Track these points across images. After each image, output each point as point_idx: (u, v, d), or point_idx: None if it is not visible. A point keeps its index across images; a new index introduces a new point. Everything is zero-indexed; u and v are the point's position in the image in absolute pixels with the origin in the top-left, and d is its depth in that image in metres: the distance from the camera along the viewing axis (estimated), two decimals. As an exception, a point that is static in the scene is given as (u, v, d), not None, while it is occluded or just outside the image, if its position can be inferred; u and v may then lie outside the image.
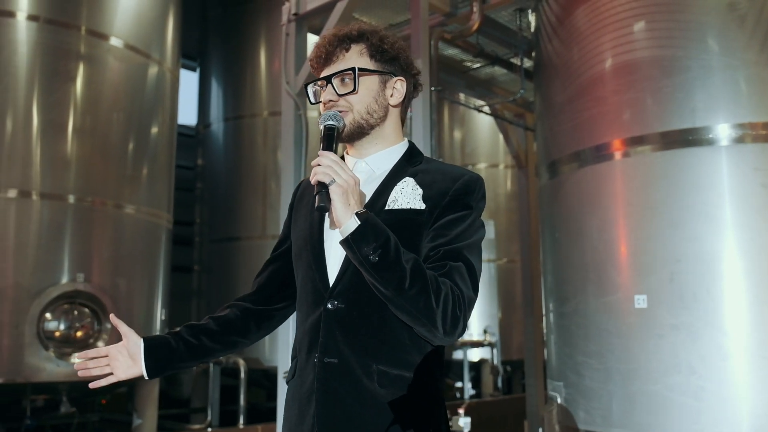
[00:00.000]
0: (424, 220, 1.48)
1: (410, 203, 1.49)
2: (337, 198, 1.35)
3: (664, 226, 3.28)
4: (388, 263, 1.34)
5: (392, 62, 1.59)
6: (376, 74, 1.56)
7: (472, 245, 1.47)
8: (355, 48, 1.56)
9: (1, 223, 4.81)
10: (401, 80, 1.60)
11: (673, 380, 3.15)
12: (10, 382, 4.69)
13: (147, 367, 1.58)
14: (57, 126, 5.12)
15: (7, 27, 5.03)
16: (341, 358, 1.44)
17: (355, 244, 1.35)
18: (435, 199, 1.49)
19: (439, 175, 1.54)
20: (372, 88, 1.56)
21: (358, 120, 1.54)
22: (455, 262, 1.42)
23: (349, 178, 1.37)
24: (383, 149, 1.60)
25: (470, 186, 1.52)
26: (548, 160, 4.03)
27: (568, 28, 3.84)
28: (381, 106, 1.57)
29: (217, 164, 7.94)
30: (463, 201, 1.50)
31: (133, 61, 5.67)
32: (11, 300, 4.74)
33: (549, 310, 4.02)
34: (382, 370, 1.43)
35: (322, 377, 1.45)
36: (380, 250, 1.33)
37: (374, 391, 1.42)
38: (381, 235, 1.35)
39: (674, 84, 3.33)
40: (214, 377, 6.21)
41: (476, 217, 1.51)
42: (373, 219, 1.37)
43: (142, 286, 5.61)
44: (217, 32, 8.25)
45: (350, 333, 1.45)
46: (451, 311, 1.36)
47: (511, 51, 5.02)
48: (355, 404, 1.42)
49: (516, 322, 8.21)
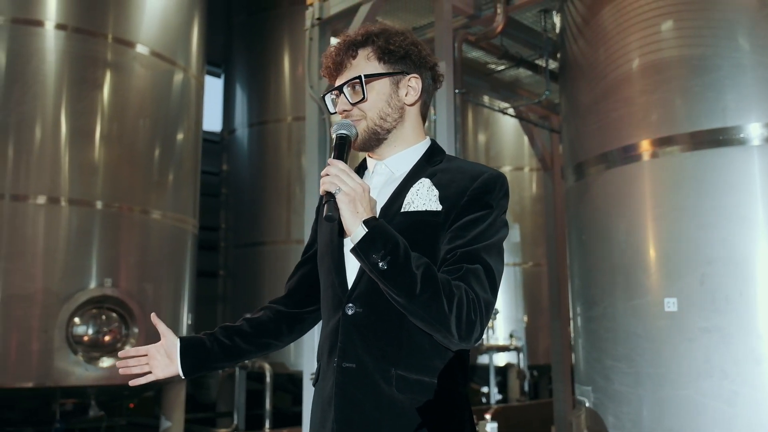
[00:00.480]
0: (441, 221, 1.45)
1: (426, 205, 1.46)
2: (344, 207, 1.35)
3: (694, 228, 3.21)
4: (397, 270, 1.32)
5: (402, 60, 1.55)
6: (385, 77, 1.53)
7: (492, 246, 1.43)
8: (362, 53, 1.54)
9: (30, 229, 4.90)
10: (415, 77, 1.56)
11: (705, 384, 3.09)
12: (40, 386, 4.77)
13: (183, 366, 1.62)
14: (85, 133, 5.20)
15: (36, 36, 5.13)
16: (359, 363, 1.44)
17: (363, 252, 1.34)
18: (452, 199, 1.46)
19: (459, 174, 1.51)
20: (383, 92, 1.53)
21: (372, 127, 1.52)
22: (472, 265, 1.38)
23: (357, 186, 1.36)
24: (403, 150, 1.58)
25: (490, 184, 1.47)
26: (574, 161, 3.98)
27: (594, 28, 3.80)
28: (395, 108, 1.54)
29: (242, 170, 8.00)
30: (483, 200, 1.46)
31: (158, 68, 5.74)
32: (41, 305, 4.82)
33: (576, 313, 3.97)
34: (401, 375, 1.41)
35: (341, 382, 1.45)
36: (389, 257, 1.32)
37: (392, 396, 1.40)
38: (389, 241, 1.34)
39: (704, 83, 3.27)
40: (240, 381, 6.24)
41: (497, 216, 1.46)
42: (381, 226, 1.35)
43: (169, 291, 5.66)
44: (242, 38, 8.33)
45: (368, 337, 1.44)
46: (466, 316, 1.33)
47: (535, 52, 4.98)
48: (373, 410, 1.41)
49: (542, 327, 8.13)
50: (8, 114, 4.97)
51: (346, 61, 1.54)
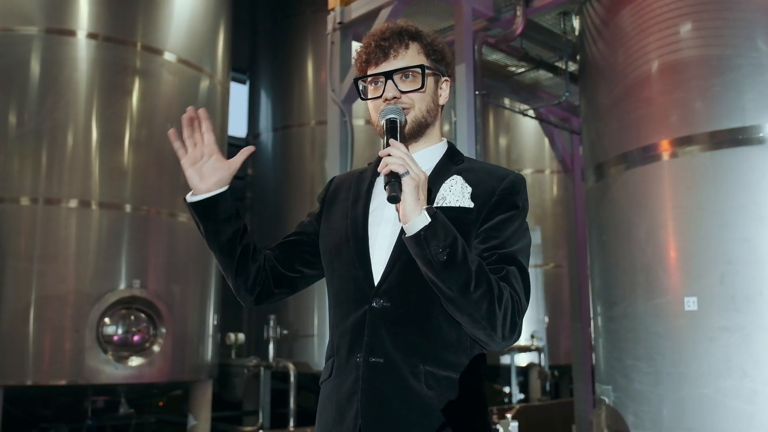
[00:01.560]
0: (473, 219, 1.44)
1: (459, 201, 1.46)
2: (409, 191, 1.30)
3: (714, 227, 3.22)
4: (456, 263, 1.30)
5: (442, 62, 1.58)
6: (437, 74, 1.56)
7: (523, 249, 1.44)
8: (413, 46, 1.53)
9: (63, 232, 5.05)
10: (447, 81, 1.60)
11: (725, 384, 3.09)
12: (72, 383, 4.90)
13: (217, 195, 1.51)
14: (114, 138, 5.34)
15: (68, 45, 5.28)
16: (387, 358, 1.41)
17: (426, 241, 1.30)
18: (483, 198, 1.46)
19: (484, 174, 1.52)
20: (431, 87, 1.54)
21: (420, 118, 1.52)
22: (510, 266, 1.39)
23: (421, 173, 1.33)
24: (425, 148, 1.57)
25: (517, 185, 1.49)
26: (595, 162, 4.00)
27: (613, 29, 3.82)
28: (436, 104, 1.56)
29: (266, 173, 8.12)
30: (511, 200, 1.46)
31: (185, 75, 5.87)
32: (72, 305, 4.96)
33: (597, 313, 3.99)
34: (429, 371, 1.39)
35: (367, 377, 1.41)
36: (449, 249, 1.29)
37: (421, 392, 1.39)
38: (450, 233, 1.31)
39: (723, 83, 3.28)
40: (265, 381, 6.32)
41: (524, 218, 1.48)
42: (442, 217, 1.33)
43: (195, 292, 5.77)
44: (266, 45, 8.46)
45: (397, 332, 1.42)
46: (511, 317, 1.34)
47: (555, 54, 5.01)
48: (401, 405, 1.39)
49: (563, 327, 8.12)
50: (42, 121, 5.13)
51: (398, 48, 1.52)
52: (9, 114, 5.13)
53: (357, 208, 1.57)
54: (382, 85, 1.52)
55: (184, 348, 5.51)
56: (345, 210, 1.60)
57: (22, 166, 5.05)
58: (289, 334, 6.93)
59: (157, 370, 5.24)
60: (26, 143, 5.09)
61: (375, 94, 1.53)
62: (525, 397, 8.15)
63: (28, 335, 4.83)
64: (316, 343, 6.95)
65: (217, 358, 6.07)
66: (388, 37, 1.52)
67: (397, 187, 1.30)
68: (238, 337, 6.79)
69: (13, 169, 5.05)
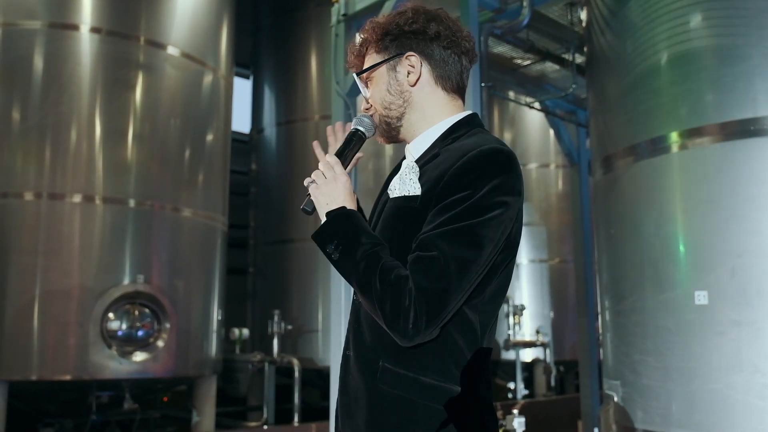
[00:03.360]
0: (418, 206, 1.36)
1: (404, 190, 1.41)
2: (315, 200, 1.42)
3: (724, 220, 3.18)
4: (344, 261, 1.35)
5: (396, 41, 1.47)
6: (377, 67, 1.49)
7: (460, 231, 1.28)
8: (370, 49, 1.54)
9: (67, 227, 5.03)
10: (412, 54, 1.46)
11: (736, 379, 3.05)
12: (77, 378, 4.89)
13: None
14: (118, 133, 5.32)
15: (71, 39, 5.26)
16: (355, 352, 1.45)
17: (317, 243, 1.40)
18: (431, 183, 1.36)
19: (455, 152, 1.37)
20: (381, 81, 1.49)
21: (382, 119, 1.52)
22: (424, 252, 1.28)
23: (332, 179, 1.41)
24: (423, 132, 1.50)
25: (473, 163, 1.31)
26: (602, 155, 3.96)
27: (622, 20, 3.77)
28: (397, 93, 1.48)
29: (270, 169, 8.10)
30: (461, 182, 1.31)
31: (189, 69, 5.85)
32: (77, 300, 4.95)
33: (605, 308, 3.95)
34: (387, 368, 1.36)
35: (342, 368, 1.48)
36: (341, 247, 1.35)
37: (376, 388, 1.37)
38: (341, 234, 1.36)
39: (734, 73, 3.23)
40: (270, 376, 6.32)
41: (482, 197, 1.29)
42: (339, 216, 1.38)
43: (199, 287, 5.76)
44: (270, 40, 8.43)
45: (364, 327, 1.44)
46: (398, 306, 1.25)
47: (562, 46, 4.96)
48: (360, 399, 1.40)
49: (568, 322, 8.09)
50: (46, 115, 5.11)
51: (359, 63, 1.57)
52: (13, 109, 5.12)
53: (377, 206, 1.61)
54: None
55: (189, 343, 5.50)
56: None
57: (25, 161, 5.04)
58: (294, 330, 6.92)
59: (162, 365, 5.23)
60: (30, 138, 5.08)
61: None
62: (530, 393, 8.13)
63: (32, 330, 4.82)
64: (320, 338, 6.93)
65: (221, 353, 6.05)
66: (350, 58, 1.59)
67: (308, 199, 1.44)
68: (242, 332, 6.78)
69: (17, 164, 5.04)
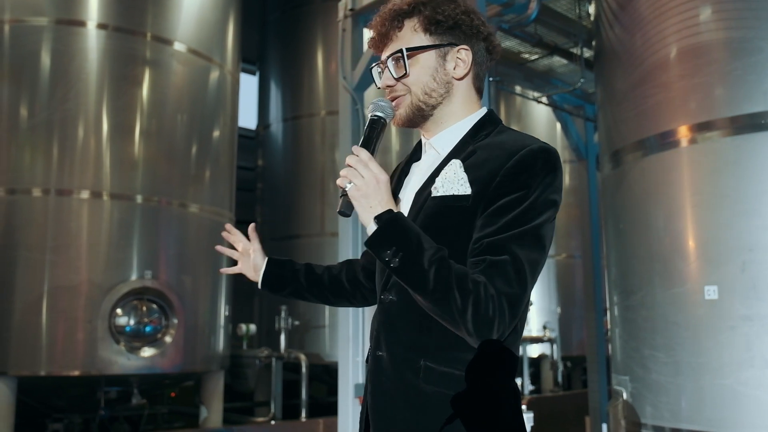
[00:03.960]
0: (470, 206, 1.34)
1: (453, 189, 1.36)
2: (356, 203, 1.31)
3: (735, 215, 3.16)
4: (408, 268, 1.27)
5: (451, 31, 1.44)
6: (429, 50, 1.43)
7: (525, 233, 1.29)
8: (408, 24, 1.44)
9: (75, 223, 5.05)
10: (465, 49, 1.45)
11: (747, 374, 3.03)
12: (86, 374, 4.91)
13: (264, 277, 1.75)
14: (125, 129, 5.33)
15: (78, 36, 5.27)
16: (390, 352, 1.40)
17: (373, 249, 1.30)
18: (483, 181, 1.34)
19: (497, 150, 1.37)
20: (428, 66, 1.43)
21: (417, 103, 1.44)
22: (497, 256, 1.27)
23: (372, 179, 1.29)
24: (450, 126, 1.47)
25: (527, 161, 1.32)
26: (611, 149, 3.94)
27: (630, 13, 3.75)
28: (441, 82, 1.44)
29: (277, 164, 8.10)
30: (518, 181, 1.31)
31: (195, 65, 5.85)
32: (85, 296, 4.97)
33: (614, 303, 3.93)
34: (429, 366, 1.35)
35: (374, 370, 1.44)
36: (401, 253, 1.26)
37: (419, 387, 1.35)
38: (399, 238, 1.27)
39: (744, 66, 3.21)
40: (277, 372, 6.33)
41: (538, 197, 1.31)
42: (394, 221, 1.28)
43: (207, 283, 5.77)
44: (276, 35, 8.42)
45: (399, 327, 1.41)
46: (483, 313, 1.23)
47: (570, 40, 4.93)
48: (399, 400, 1.37)
49: (575, 318, 8.07)
50: (53, 112, 5.12)
51: (391, 32, 1.45)
52: (20, 105, 5.13)
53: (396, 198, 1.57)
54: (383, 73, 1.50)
55: (196, 339, 5.51)
56: None
57: (33, 158, 5.05)
58: (301, 325, 6.93)
59: (169, 360, 5.24)
60: (37, 134, 5.09)
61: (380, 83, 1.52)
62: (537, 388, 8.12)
63: (41, 326, 4.84)
64: (327, 334, 6.94)
65: (228, 349, 6.07)
66: (381, 24, 1.47)
67: (345, 202, 1.33)
68: (249, 328, 6.79)
69: (25, 161, 5.05)
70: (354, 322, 4.02)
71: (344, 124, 4.32)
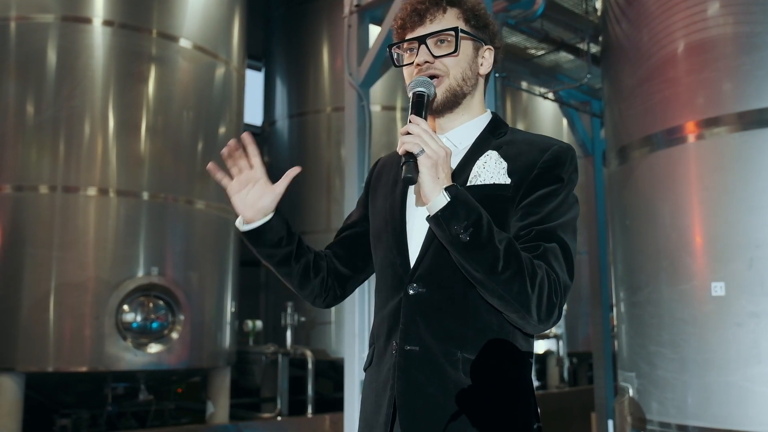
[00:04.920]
0: (510, 195, 1.36)
1: (494, 178, 1.38)
2: (426, 170, 1.25)
3: (742, 211, 3.14)
4: (480, 243, 1.23)
5: (484, 29, 1.50)
6: (473, 39, 1.46)
7: (567, 224, 1.35)
8: (451, 10, 1.46)
9: (81, 219, 5.07)
10: (490, 49, 1.51)
11: (753, 371, 3.03)
12: (93, 370, 4.94)
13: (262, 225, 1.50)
14: (131, 126, 5.34)
15: (84, 33, 5.28)
16: (423, 346, 1.35)
17: (445, 221, 1.24)
18: (521, 173, 1.37)
19: (526, 146, 1.42)
20: (468, 54, 1.46)
21: (454, 86, 1.44)
22: (549, 243, 1.30)
23: (440, 149, 1.26)
24: (467, 121, 1.49)
25: (561, 157, 1.39)
26: (618, 145, 3.93)
27: (638, 8, 3.73)
28: (474, 73, 1.47)
29: (283, 161, 8.10)
30: (553, 173, 1.37)
31: (201, 62, 5.85)
32: (92, 292, 4.99)
33: (620, 299, 3.92)
34: (467, 358, 1.33)
35: (403, 366, 1.36)
36: (471, 228, 1.23)
37: (459, 380, 1.33)
38: (473, 212, 1.24)
39: (753, 61, 3.19)
40: (283, 368, 6.34)
41: (569, 191, 1.38)
42: (464, 195, 1.26)
43: (213, 280, 5.79)
44: (281, 32, 8.42)
45: (433, 319, 1.36)
46: (547, 297, 1.26)
47: (576, 36, 4.91)
48: (438, 394, 1.33)
49: (581, 314, 8.06)
50: (60, 109, 5.14)
51: (434, 12, 1.45)
52: (27, 103, 5.15)
53: (396, 190, 1.51)
54: (416, 51, 1.45)
55: (202, 335, 5.53)
56: (386, 193, 1.56)
57: (40, 155, 5.07)
58: (307, 321, 6.94)
59: (176, 356, 5.26)
60: (44, 132, 5.11)
61: (410, 61, 1.47)
62: (542, 385, 8.11)
63: (48, 322, 4.87)
64: (333, 330, 6.95)
65: (235, 345, 6.08)
66: (425, 1, 1.46)
67: (412, 168, 1.25)
68: (255, 324, 6.81)
69: (32, 158, 5.07)
70: (360, 318, 4.03)
71: (350, 120, 4.31)
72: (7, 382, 4.78)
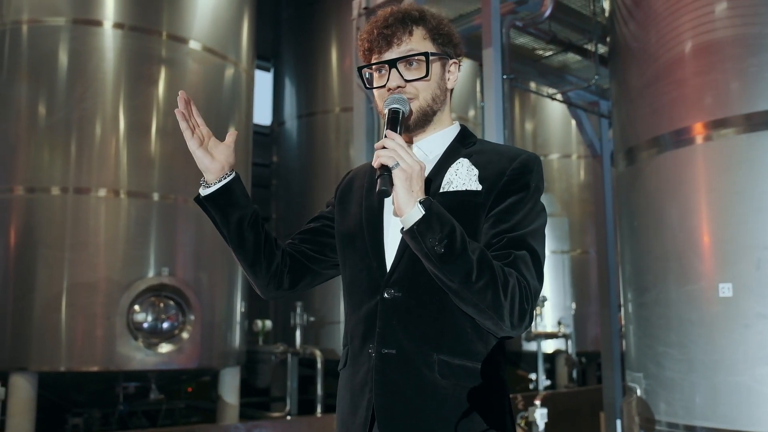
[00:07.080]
0: (481, 201, 1.41)
1: (466, 184, 1.42)
2: (400, 183, 1.27)
3: (750, 212, 3.15)
4: (454, 254, 1.26)
5: (449, 44, 1.52)
6: (439, 58, 1.49)
7: (536, 231, 1.39)
8: (417, 31, 1.48)
9: (93, 220, 5.12)
10: (455, 63, 1.54)
11: (761, 371, 3.03)
12: (105, 370, 4.99)
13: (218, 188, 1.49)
14: (141, 127, 5.39)
15: (95, 35, 5.33)
16: (399, 349, 1.39)
17: (420, 235, 1.26)
18: (491, 180, 1.42)
19: (495, 155, 1.47)
20: (437, 73, 1.49)
21: (425, 107, 1.47)
22: (519, 251, 1.34)
23: (415, 164, 1.28)
24: (435, 132, 1.53)
25: (529, 165, 1.44)
26: (625, 146, 3.93)
27: (645, 10, 3.73)
28: (443, 90, 1.52)
29: (291, 161, 8.14)
30: (522, 181, 1.42)
31: (210, 63, 5.89)
32: (103, 293, 5.04)
33: (628, 300, 3.93)
34: (444, 360, 1.37)
35: (380, 368, 1.39)
36: (446, 240, 1.26)
37: (435, 382, 1.36)
38: (447, 224, 1.28)
39: (761, 63, 3.19)
40: (293, 368, 6.38)
41: (537, 199, 1.43)
42: (437, 208, 1.29)
43: (223, 280, 5.82)
44: (290, 32, 8.45)
45: (409, 323, 1.40)
46: (519, 304, 1.30)
47: (584, 37, 4.91)
48: (415, 396, 1.37)
49: (590, 314, 8.06)
50: (71, 111, 5.19)
51: (401, 34, 1.46)
52: (38, 105, 5.20)
53: (372, 196, 1.53)
54: (386, 74, 1.46)
55: (213, 335, 5.57)
56: (359, 198, 1.58)
57: (51, 157, 5.13)
58: (316, 321, 6.97)
59: (186, 356, 5.30)
60: (55, 134, 5.16)
61: (379, 83, 1.48)
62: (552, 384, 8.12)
63: (60, 323, 4.92)
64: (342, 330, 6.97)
65: (244, 344, 6.12)
66: (390, 24, 1.47)
67: (387, 181, 1.27)
68: (265, 324, 6.85)
69: (44, 160, 5.13)
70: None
71: (359, 120, 4.34)
72: (20, 381, 4.85)
